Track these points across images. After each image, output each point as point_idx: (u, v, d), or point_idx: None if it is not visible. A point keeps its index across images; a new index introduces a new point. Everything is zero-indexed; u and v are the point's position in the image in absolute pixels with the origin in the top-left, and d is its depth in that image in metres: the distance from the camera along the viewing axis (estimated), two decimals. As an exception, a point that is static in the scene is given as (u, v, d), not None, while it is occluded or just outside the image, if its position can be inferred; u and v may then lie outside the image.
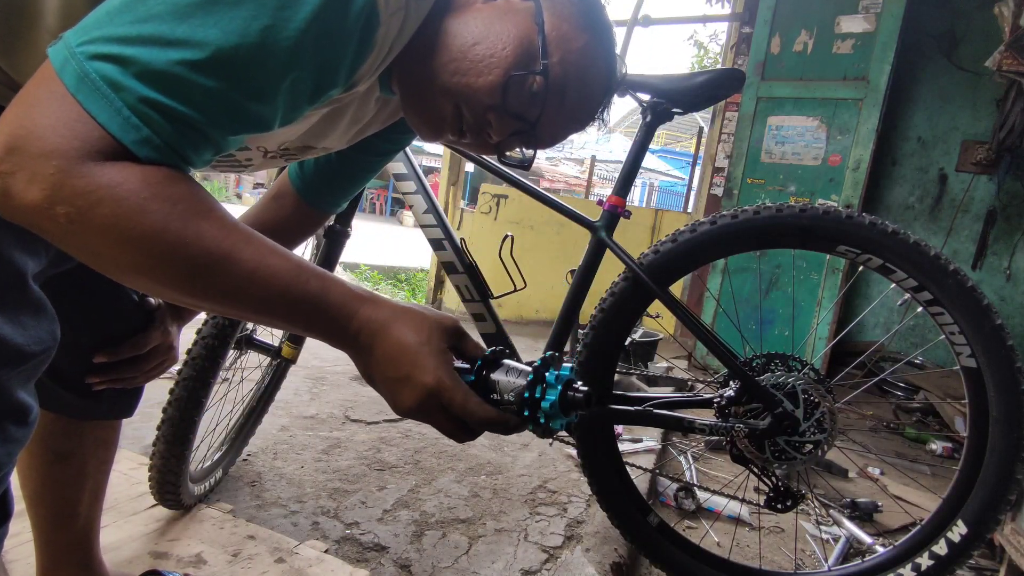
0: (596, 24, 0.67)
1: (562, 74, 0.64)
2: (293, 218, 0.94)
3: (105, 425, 0.93)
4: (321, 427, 1.89)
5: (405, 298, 4.86)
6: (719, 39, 9.93)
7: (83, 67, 0.44)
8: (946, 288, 1.08)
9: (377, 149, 0.89)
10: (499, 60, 0.62)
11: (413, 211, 1.29)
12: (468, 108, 0.64)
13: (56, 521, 0.92)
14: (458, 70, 0.62)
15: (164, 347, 0.88)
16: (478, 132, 0.66)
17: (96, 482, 0.95)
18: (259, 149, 0.72)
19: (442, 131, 0.67)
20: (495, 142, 0.67)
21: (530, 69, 0.62)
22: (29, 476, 0.90)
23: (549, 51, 0.63)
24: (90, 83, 0.44)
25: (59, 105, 0.44)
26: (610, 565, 1.30)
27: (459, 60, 0.62)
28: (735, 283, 3.20)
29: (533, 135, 0.68)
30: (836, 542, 1.57)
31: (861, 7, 3.00)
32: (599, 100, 0.70)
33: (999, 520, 1.10)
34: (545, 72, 0.63)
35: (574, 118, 0.69)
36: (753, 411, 1.13)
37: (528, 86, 0.63)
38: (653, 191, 17.25)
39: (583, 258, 1.22)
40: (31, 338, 0.57)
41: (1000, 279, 3.59)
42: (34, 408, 0.60)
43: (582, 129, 0.73)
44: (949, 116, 3.71)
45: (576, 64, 0.65)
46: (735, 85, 1.17)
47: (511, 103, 0.63)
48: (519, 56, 0.62)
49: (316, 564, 1.17)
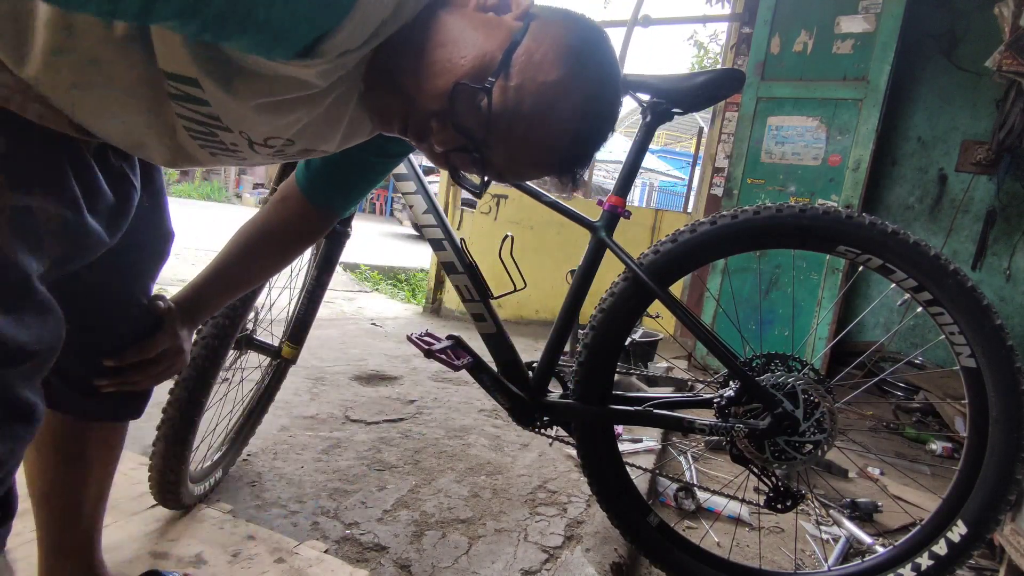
0: (584, 64, 0.62)
1: (515, 100, 0.60)
2: (299, 220, 0.93)
3: (112, 427, 0.93)
4: (321, 427, 1.89)
5: (405, 298, 4.86)
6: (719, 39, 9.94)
7: None
8: (946, 288, 1.08)
9: (381, 149, 0.87)
10: (453, 67, 0.60)
11: (413, 211, 1.29)
12: (413, 108, 0.62)
13: (61, 522, 0.92)
14: (413, 69, 0.61)
15: (173, 350, 0.88)
16: (420, 137, 0.65)
17: (101, 484, 0.95)
18: (242, 135, 0.68)
19: (391, 122, 0.66)
20: (439, 152, 0.65)
21: (480, 84, 0.60)
22: (37, 477, 0.90)
23: (510, 74, 0.60)
24: None
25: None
26: (610, 565, 1.30)
27: (418, 58, 0.61)
28: (735, 283, 3.20)
29: (482, 159, 0.65)
30: (836, 542, 1.57)
31: (861, 7, 3.00)
32: (562, 146, 0.64)
33: (999, 520, 1.11)
34: (488, 92, 0.59)
35: (528, 155, 0.65)
36: (753, 411, 1.13)
37: (476, 101, 0.60)
38: (653, 191, 17.25)
39: (583, 258, 1.22)
40: (34, 337, 0.57)
41: (1000, 279, 3.59)
42: (39, 406, 0.60)
43: (547, 172, 0.68)
44: (949, 116, 3.71)
45: (537, 96, 0.61)
46: (735, 85, 1.17)
47: (456, 114, 0.61)
48: (475, 68, 0.60)
49: (316, 564, 1.18)
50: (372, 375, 2.55)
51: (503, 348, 1.28)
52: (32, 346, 0.57)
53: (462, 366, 1.14)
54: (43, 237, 0.59)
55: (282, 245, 0.95)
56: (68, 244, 0.62)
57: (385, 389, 2.39)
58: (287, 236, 0.94)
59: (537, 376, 1.26)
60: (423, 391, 2.41)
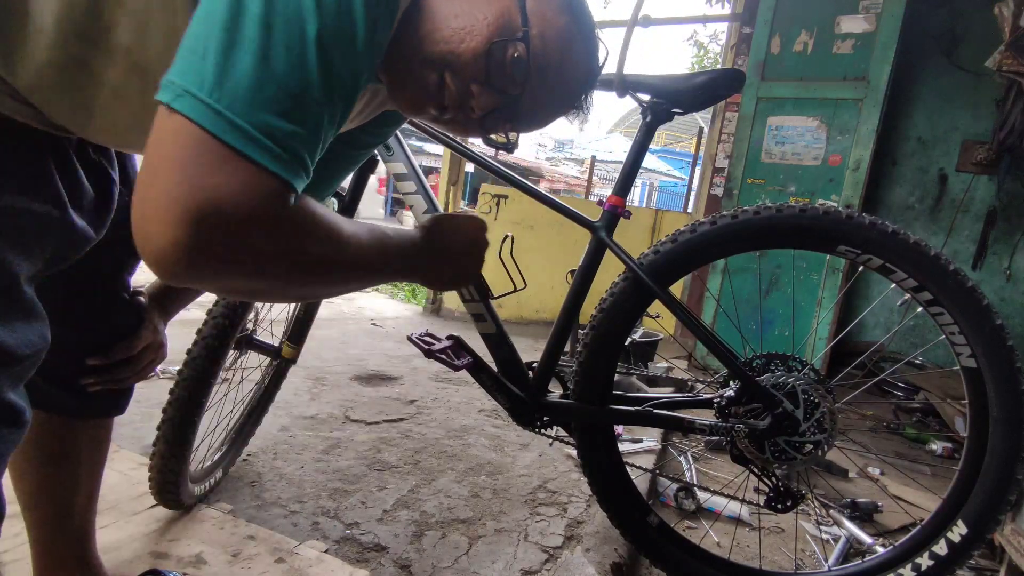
0: (577, 10, 0.69)
1: (543, 48, 0.65)
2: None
3: (98, 424, 0.92)
4: (321, 427, 1.89)
5: (405, 298, 4.86)
6: (719, 39, 9.94)
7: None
8: (946, 288, 1.08)
9: (360, 142, 0.89)
10: (480, 28, 0.63)
11: (413, 211, 1.29)
12: (452, 77, 0.64)
13: (52, 522, 0.92)
14: (441, 38, 0.63)
15: (155, 345, 0.88)
16: (460, 105, 0.67)
17: (90, 482, 0.94)
18: None
19: (425, 104, 0.68)
20: (477, 116, 0.67)
21: (512, 37, 0.64)
22: (23, 478, 0.89)
23: (530, 23, 0.64)
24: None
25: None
26: (610, 565, 1.30)
27: (442, 29, 0.63)
28: (735, 283, 3.20)
29: (516, 113, 0.69)
30: (836, 542, 1.57)
31: (861, 7, 3.00)
32: (581, 83, 0.72)
33: (999, 520, 1.10)
34: (526, 39, 0.64)
35: (556, 98, 0.70)
36: (753, 411, 1.13)
37: (510, 55, 0.64)
38: (653, 191, 17.25)
39: (583, 258, 1.22)
40: (21, 340, 0.57)
41: (1000, 279, 3.59)
42: (26, 410, 0.60)
43: (565, 112, 0.75)
44: (949, 116, 3.71)
45: (556, 40, 0.66)
46: (735, 85, 1.16)
47: (494, 73, 0.64)
48: (500, 26, 0.64)
49: (316, 564, 1.18)
50: (372, 375, 2.55)
51: (503, 348, 1.28)
52: (19, 350, 0.57)
53: (462, 366, 1.14)
54: (30, 238, 0.58)
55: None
56: (56, 243, 0.61)
57: (385, 389, 2.39)
58: None
59: (537, 376, 1.26)
60: (423, 391, 2.41)
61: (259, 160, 0.47)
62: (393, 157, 1.30)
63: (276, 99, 0.48)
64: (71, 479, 0.91)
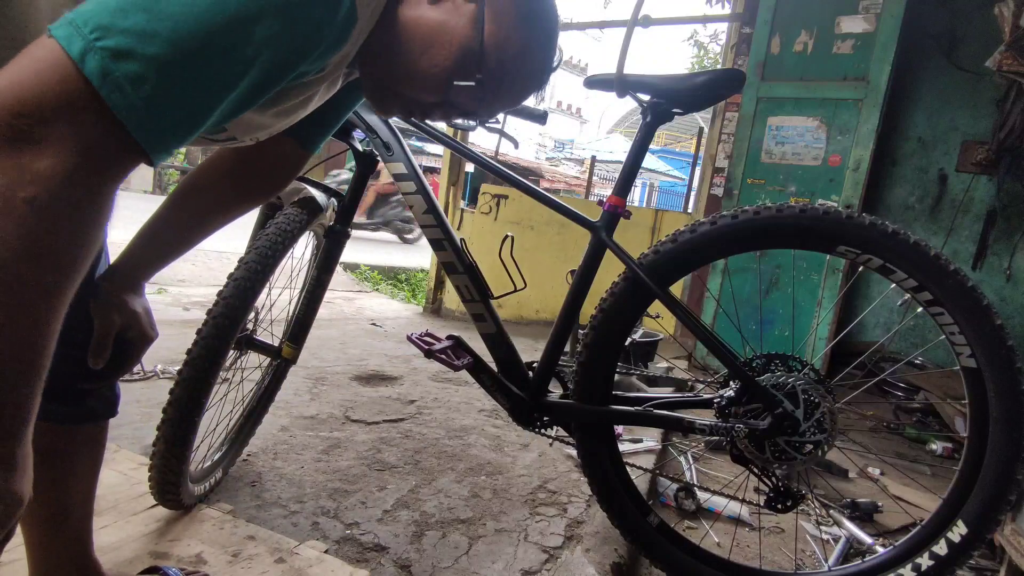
0: (536, 20, 0.74)
1: (499, 76, 0.72)
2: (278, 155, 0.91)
3: (93, 426, 0.92)
4: (321, 427, 1.89)
5: (405, 298, 4.86)
6: (719, 39, 9.93)
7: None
8: (946, 288, 1.08)
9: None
10: (442, 70, 0.70)
11: (413, 211, 1.29)
12: (416, 106, 0.75)
13: (48, 524, 0.91)
14: (407, 78, 0.71)
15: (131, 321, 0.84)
16: (424, 119, 0.79)
17: (87, 482, 0.93)
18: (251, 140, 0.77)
19: (392, 114, 0.80)
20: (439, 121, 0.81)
21: (470, 77, 0.70)
22: None
23: (487, 55, 0.70)
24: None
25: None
26: (610, 565, 1.30)
27: (410, 66, 0.70)
28: (735, 283, 3.20)
29: (476, 114, 0.78)
30: (836, 542, 1.57)
31: (861, 7, 3.00)
32: (536, 83, 0.79)
33: (999, 520, 1.11)
34: (481, 82, 0.71)
35: (512, 100, 0.80)
36: (753, 411, 1.13)
37: (469, 89, 0.71)
38: (653, 191, 17.26)
39: (583, 258, 1.22)
40: None
41: (1000, 279, 3.59)
42: None
43: (524, 100, 0.84)
44: (949, 116, 3.71)
45: (514, 59, 0.72)
46: (735, 85, 1.17)
47: (454, 102, 0.73)
48: (461, 62, 0.70)
49: (316, 564, 1.17)
50: (372, 375, 2.55)
51: (503, 348, 1.28)
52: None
53: (462, 366, 1.14)
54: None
55: (247, 183, 0.92)
56: None
57: (385, 389, 2.39)
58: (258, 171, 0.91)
59: (537, 376, 1.26)
60: (423, 391, 2.41)
61: (66, 47, 0.47)
62: (393, 157, 1.30)
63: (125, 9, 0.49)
64: (66, 480, 0.90)
